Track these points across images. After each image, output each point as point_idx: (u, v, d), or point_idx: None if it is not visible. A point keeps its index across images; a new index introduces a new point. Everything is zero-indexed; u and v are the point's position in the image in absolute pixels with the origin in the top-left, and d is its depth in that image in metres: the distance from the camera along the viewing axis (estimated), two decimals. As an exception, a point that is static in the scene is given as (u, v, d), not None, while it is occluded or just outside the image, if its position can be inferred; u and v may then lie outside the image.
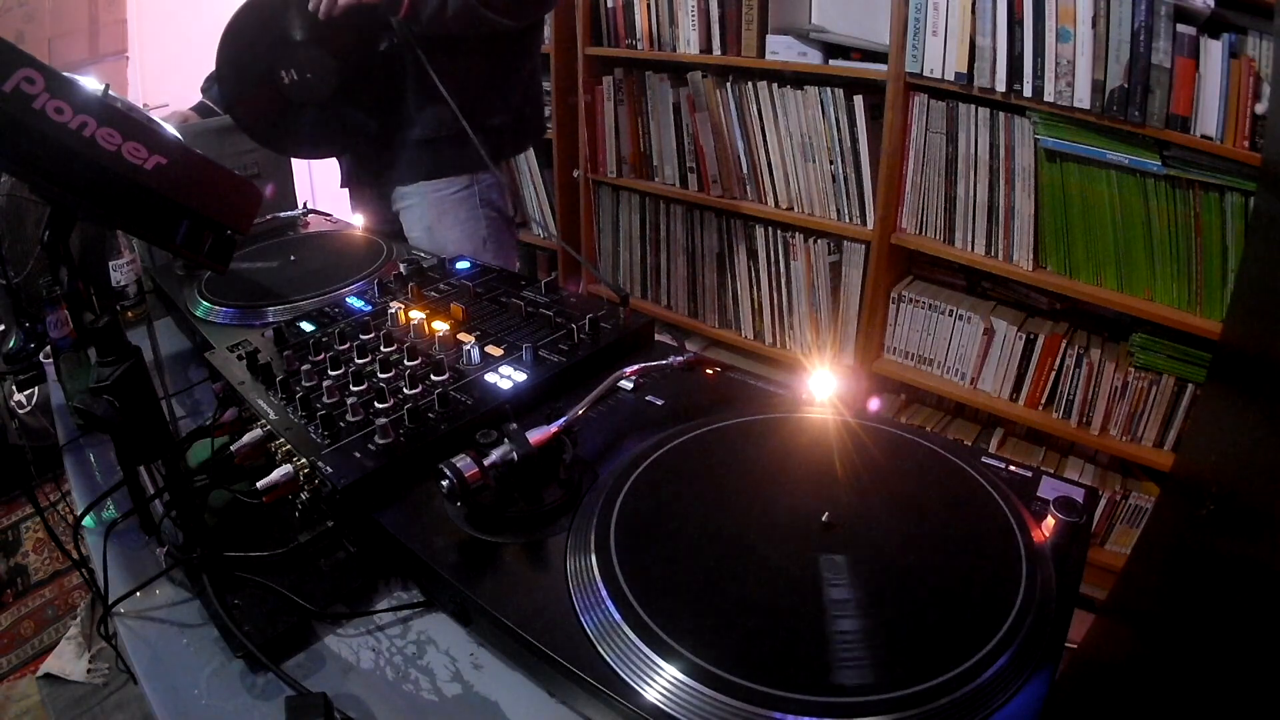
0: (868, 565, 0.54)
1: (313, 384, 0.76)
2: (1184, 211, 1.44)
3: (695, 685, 0.46)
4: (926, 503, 0.61)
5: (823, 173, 1.88)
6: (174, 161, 0.59)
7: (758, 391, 0.78)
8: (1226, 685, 0.82)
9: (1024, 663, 0.47)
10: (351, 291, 1.01)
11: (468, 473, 0.58)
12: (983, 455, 0.65)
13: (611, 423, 0.73)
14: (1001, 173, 1.62)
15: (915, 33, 1.60)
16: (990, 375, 1.77)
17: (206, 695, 0.57)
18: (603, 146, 2.28)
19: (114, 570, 0.68)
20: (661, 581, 0.53)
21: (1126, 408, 1.60)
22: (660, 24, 2.04)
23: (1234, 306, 1.27)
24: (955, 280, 1.87)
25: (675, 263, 2.27)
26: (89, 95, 0.55)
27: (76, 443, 0.91)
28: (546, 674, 0.53)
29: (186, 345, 1.09)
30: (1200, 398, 1.49)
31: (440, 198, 1.40)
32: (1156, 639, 1.08)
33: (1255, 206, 1.31)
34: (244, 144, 1.31)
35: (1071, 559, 0.55)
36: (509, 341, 0.83)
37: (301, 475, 0.67)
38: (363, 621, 0.62)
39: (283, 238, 1.28)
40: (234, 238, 0.68)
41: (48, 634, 1.83)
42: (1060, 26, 1.43)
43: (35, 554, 2.05)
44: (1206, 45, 1.31)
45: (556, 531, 0.60)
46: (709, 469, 0.65)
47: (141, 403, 0.60)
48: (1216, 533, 0.99)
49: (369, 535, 0.65)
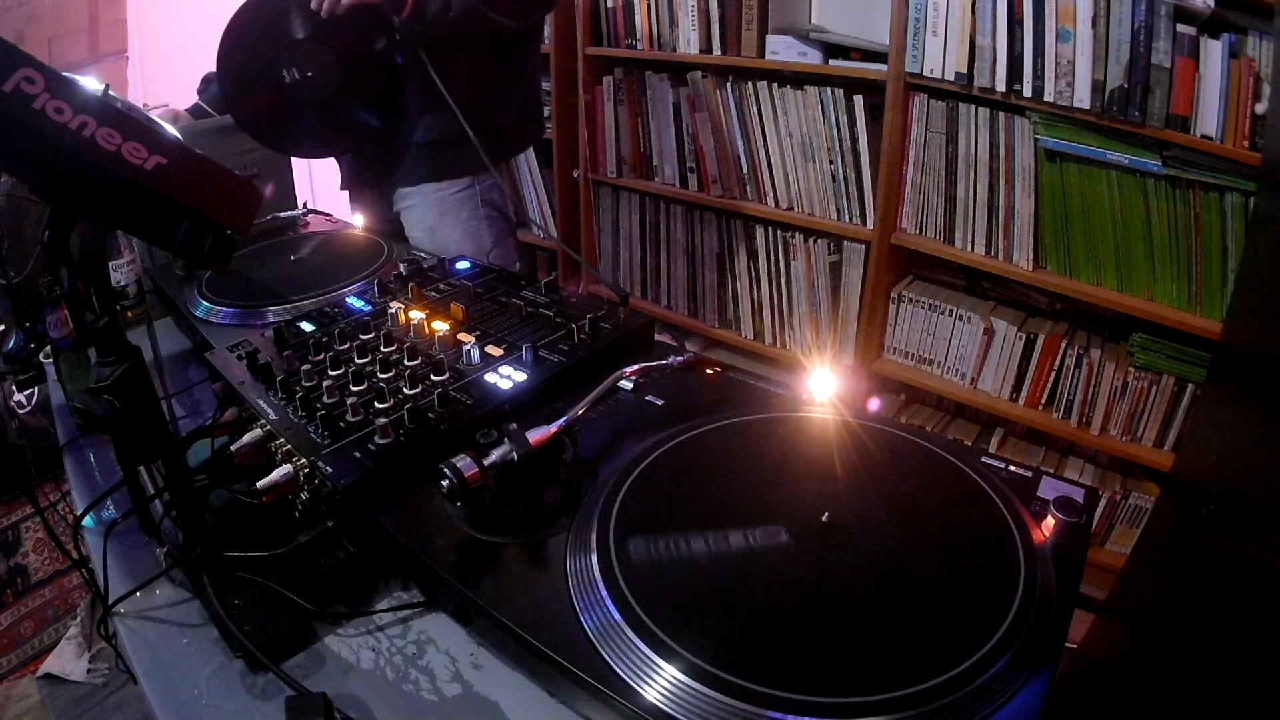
0: (867, 565, 0.54)
1: (313, 384, 0.76)
2: (1184, 211, 1.44)
3: (695, 685, 0.46)
4: (926, 503, 0.61)
5: (823, 173, 1.88)
6: (174, 161, 0.59)
7: (758, 391, 0.78)
8: (1226, 685, 0.82)
9: (1024, 663, 0.47)
10: (351, 291, 1.01)
11: (468, 473, 0.58)
12: (983, 455, 0.65)
13: (611, 423, 0.73)
14: (1001, 173, 1.62)
15: (915, 33, 1.60)
16: (990, 375, 1.77)
17: (206, 695, 0.57)
18: (603, 146, 2.28)
19: (114, 570, 0.68)
20: (661, 581, 0.53)
21: (1126, 408, 1.60)
22: (660, 24, 2.04)
23: (1234, 306, 1.27)
24: (955, 280, 1.87)
25: (675, 263, 2.27)
26: (89, 95, 0.55)
27: (76, 443, 0.91)
28: (546, 674, 0.53)
29: (186, 345, 1.08)
30: (1200, 398, 1.49)
31: (442, 198, 1.40)
32: (1156, 639, 1.08)
33: (1255, 206, 1.31)
34: (244, 144, 1.31)
35: (1071, 559, 0.55)
36: (509, 341, 0.83)
37: (301, 475, 0.67)
38: (363, 621, 0.62)
39: (283, 238, 1.28)
40: (234, 238, 0.68)
41: (48, 634, 1.83)
42: (1060, 26, 1.43)
43: (35, 554, 2.05)
44: (1206, 45, 1.31)
45: (556, 531, 0.60)
46: (709, 469, 0.65)
47: (141, 403, 0.60)
48: (1216, 533, 0.99)
49: (369, 535, 0.65)
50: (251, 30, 1.17)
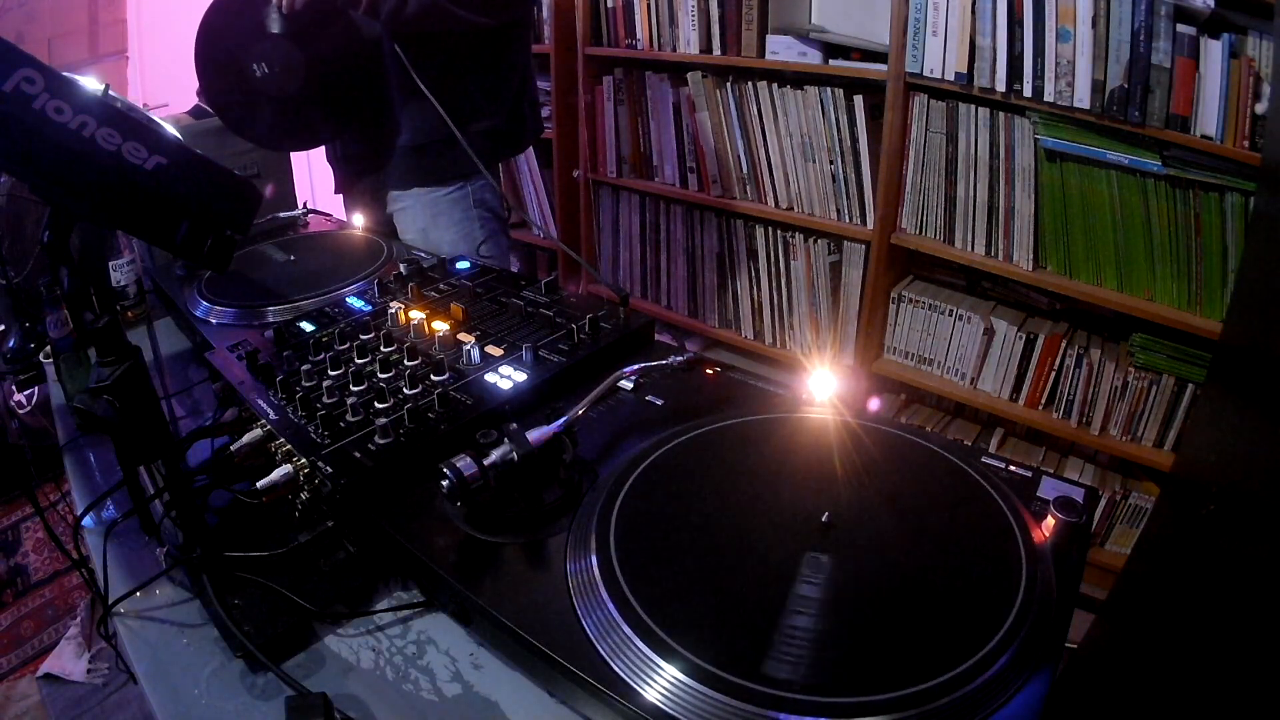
0: (868, 565, 0.54)
1: (313, 384, 0.76)
2: (1184, 211, 1.44)
3: (695, 685, 0.46)
4: (926, 503, 0.60)
5: (823, 173, 1.88)
6: (174, 161, 0.59)
7: (758, 391, 0.78)
8: (1226, 685, 0.82)
9: (1024, 663, 0.47)
10: (351, 291, 1.01)
11: (468, 473, 0.58)
12: (983, 455, 0.65)
13: (611, 423, 0.73)
14: (1001, 173, 1.62)
15: (915, 33, 1.60)
16: (990, 375, 1.77)
17: (206, 695, 0.57)
18: (603, 146, 2.28)
19: (114, 570, 0.68)
20: (661, 581, 0.53)
21: (1126, 408, 1.60)
22: (660, 24, 2.04)
23: (1234, 306, 1.27)
24: (955, 280, 1.87)
25: (675, 263, 2.27)
26: (89, 95, 0.55)
27: (76, 443, 0.91)
28: (546, 674, 0.53)
29: (186, 345, 1.08)
30: (1200, 398, 1.49)
31: (434, 200, 1.40)
32: (1156, 639, 1.08)
33: (1255, 206, 1.31)
34: (244, 144, 1.31)
35: (1071, 559, 0.55)
36: (509, 341, 0.83)
37: (301, 475, 0.67)
38: (363, 621, 0.62)
39: (283, 238, 1.28)
40: (234, 238, 0.68)
41: (48, 634, 1.83)
42: (1060, 26, 1.43)
43: (35, 554, 2.05)
44: (1206, 45, 1.31)
45: (556, 531, 0.60)
46: (709, 469, 0.65)
47: (141, 403, 0.60)
48: (1216, 533, 0.99)
49: (369, 535, 0.65)
50: (222, 27, 1.18)
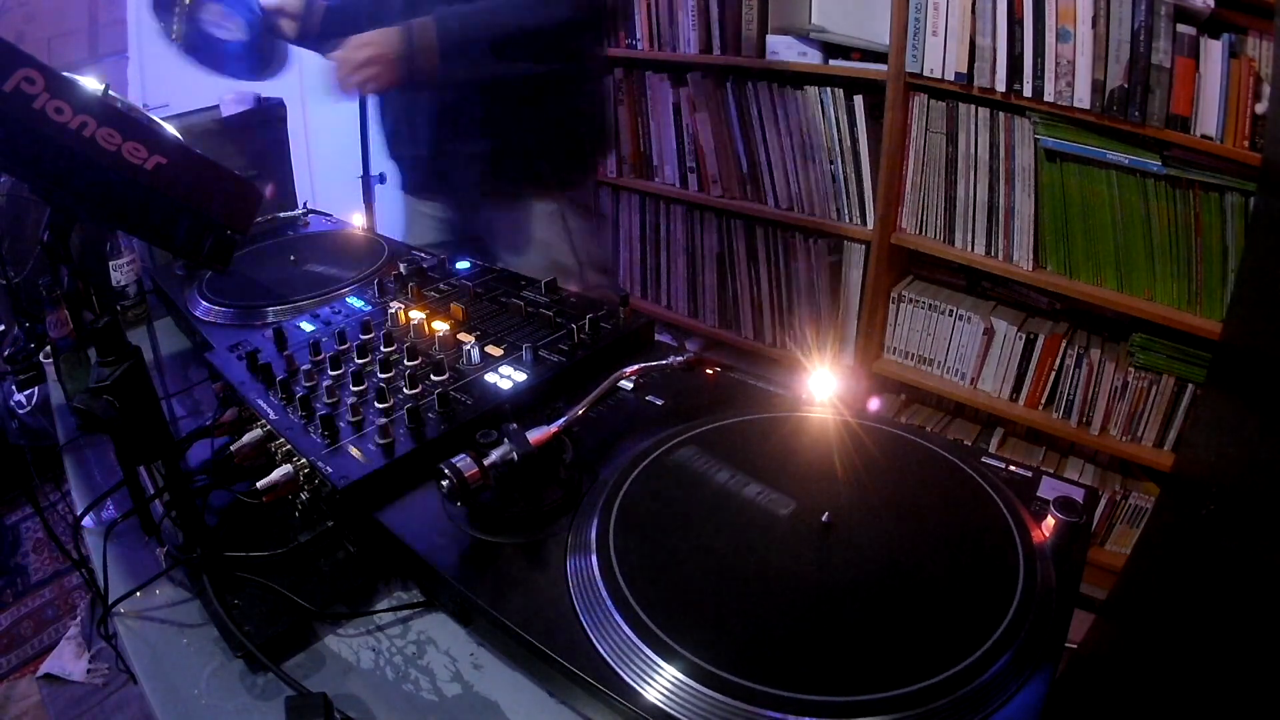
0: (868, 565, 0.54)
1: (313, 384, 0.76)
2: (1184, 211, 1.44)
3: (695, 685, 0.46)
4: (926, 503, 0.61)
5: (823, 173, 1.88)
6: (174, 161, 0.59)
7: (758, 391, 0.78)
8: (1226, 685, 0.82)
9: (1024, 663, 0.47)
10: (351, 291, 1.01)
11: (468, 473, 0.58)
12: (983, 455, 0.65)
13: (611, 423, 0.73)
14: (1001, 173, 1.62)
15: (915, 33, 1.60)
16: (990, 375, 1.77)
17: (206, 695, 0.57)
18: (603, 146, 2.28)
19: (114, 570, 0.68)
20: (661, 581, 0.53)
21: (1126, 408, 1.59)
22: (660, 24, 2.04)
23: (1234, 306, 1.27)
24: (955, 280, 1.87)
25: (675, 263, 2.27)
26: (89, 95, 0.55)
27: (76, 443, 0.91)
28: (546, 674, 0.53)
29: (186, 345, 1.08)
30: (1200, 398, 1.49)
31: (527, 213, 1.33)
32: (1156, 639, 1.08)
33: (1255, 206, 1.31)
34: (244, 144, 1.31)
35: (1071, 559, 0.55)
36: (509, 341, 0.83)
37: (301, 475, 0.67)
38: (363, 621, 0.62)
39: (283, 238, 1.28)
40: (234, 238, 0.68)
41: (48, 634, 1.83)
42: (1060, 26, 1.43)
43: (35, 554, 2.05)
44: (1206, 45, 1.31)
45: (556, 531, 0.60)
46: (709, 469, 0.65)
47: (141, 403, 0.60)
48: (1216, 533, 0.99)
49: (369, 535, 0.65)
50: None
